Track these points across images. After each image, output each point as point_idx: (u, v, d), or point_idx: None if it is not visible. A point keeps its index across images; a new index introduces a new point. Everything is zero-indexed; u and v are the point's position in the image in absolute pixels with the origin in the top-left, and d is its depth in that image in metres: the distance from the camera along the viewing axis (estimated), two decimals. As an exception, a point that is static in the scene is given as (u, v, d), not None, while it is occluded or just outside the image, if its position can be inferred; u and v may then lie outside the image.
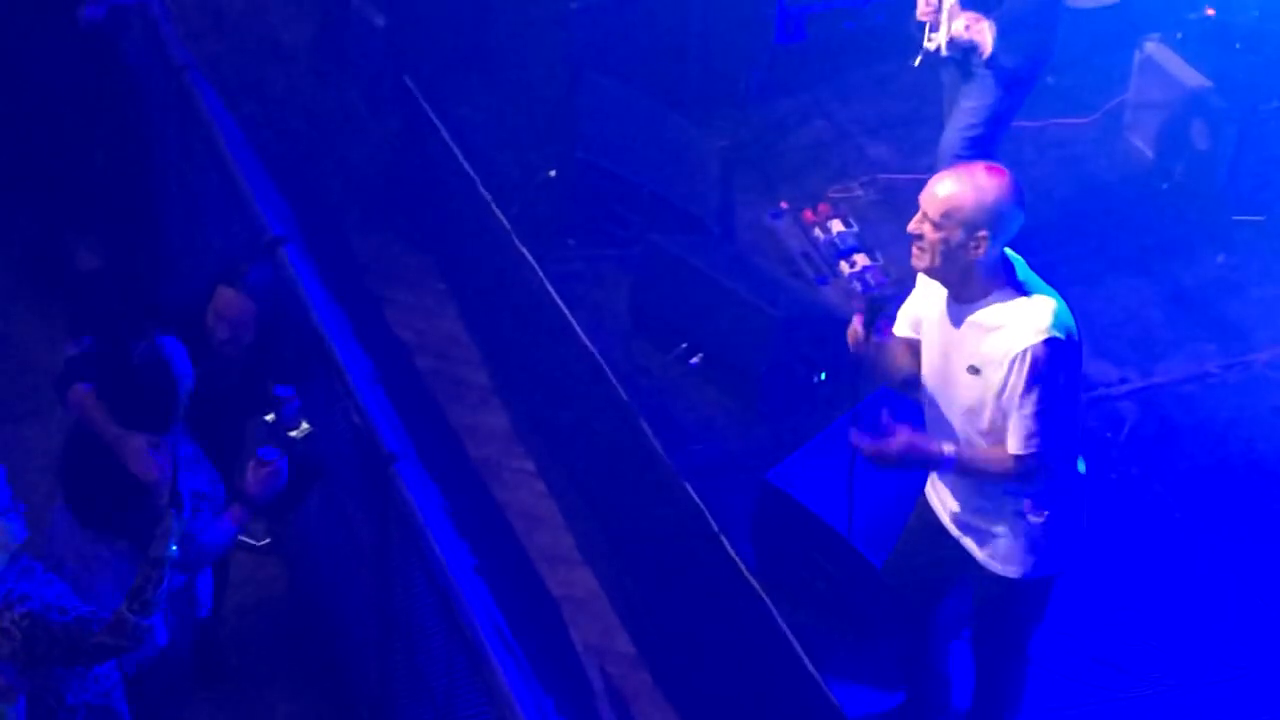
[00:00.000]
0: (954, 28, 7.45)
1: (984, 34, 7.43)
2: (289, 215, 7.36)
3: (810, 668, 6.19)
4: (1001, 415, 5.14)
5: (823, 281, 8.11)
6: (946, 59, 7.62)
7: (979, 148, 7.79)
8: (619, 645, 7.00)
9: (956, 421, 5.29)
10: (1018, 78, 7.59)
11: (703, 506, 6.76)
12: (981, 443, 5.24)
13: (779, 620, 6.30)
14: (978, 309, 5.14)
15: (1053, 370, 5.04)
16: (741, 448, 7.21)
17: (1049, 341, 5.03)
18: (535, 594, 7.17)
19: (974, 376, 5.17)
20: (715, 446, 7.23)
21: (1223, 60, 8.59)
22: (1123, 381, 7.67)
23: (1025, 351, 5.03)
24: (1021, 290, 5.12)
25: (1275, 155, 8.49)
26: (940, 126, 8.06)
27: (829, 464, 6.45)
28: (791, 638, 6.22)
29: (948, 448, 5.23)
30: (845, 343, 5.41)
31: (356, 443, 6.01)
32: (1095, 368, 7.69)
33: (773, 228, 8.44)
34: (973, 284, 5.13)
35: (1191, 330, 7.97)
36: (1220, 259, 8.37)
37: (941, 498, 5.52)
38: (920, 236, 5.11)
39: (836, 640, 6.36)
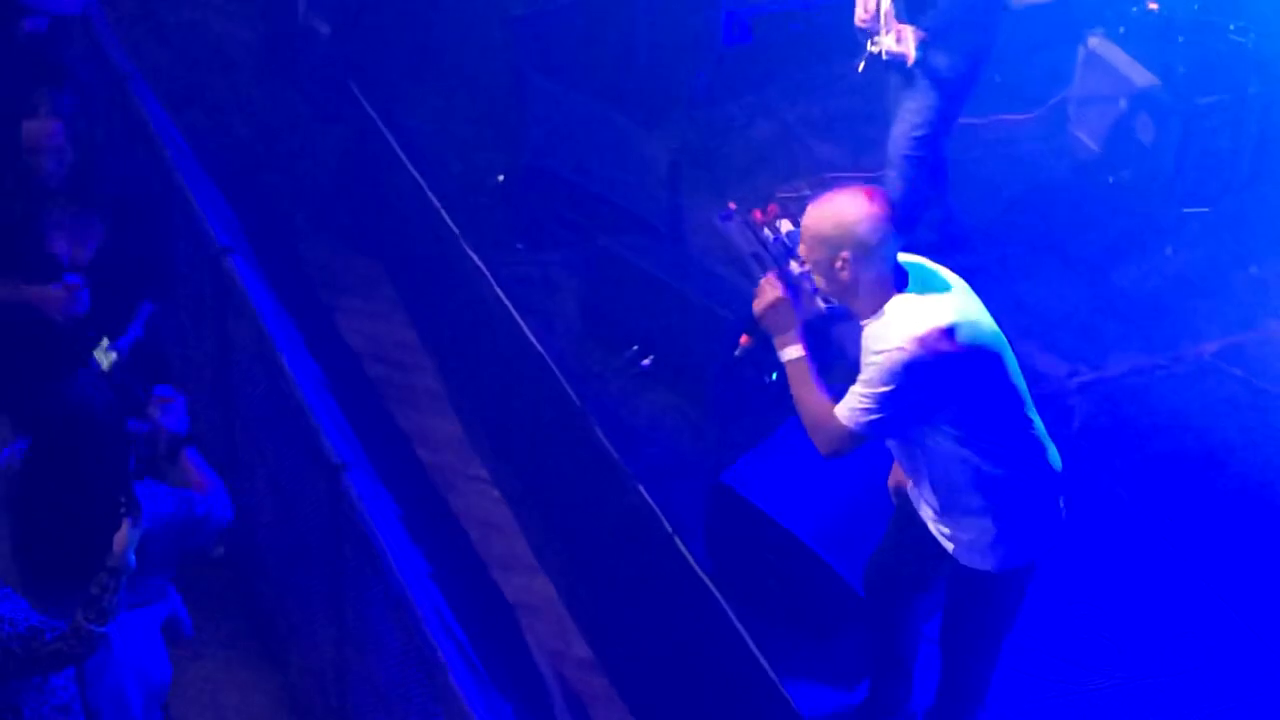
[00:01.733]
0: (886, 43, 7.56)
1: (908, 45, 7.52)
2: (235, 224, 7.34)
3: (766, 667, 6.19)
4: None
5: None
6: (888, 61, 7.69)
7: (925, 147, 7.85)
8: (576, 650, 6.99)
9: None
10: (956, 77, 7.65)
11: (656, 509, 6.75)
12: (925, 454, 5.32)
13: (734, 621, 6.29)
14: (872, 325, 5.24)
15: (891, 375, 5.10)
16: (694, 449, 7.21)
17: (903, 350, 5.09)
18: (491, 600, 7.16)
19: None
20: (668, 448, 7.23)
21: (1166, 54, 8.62)
22: (1072, 375, 7.70)
23: (883, 351, 5.13)
24: (908, 300, 5.17)
25: (1220, 148, 8.53)
26: (889, 125, 8.09)
27: (781, 464, 6.46)
28: (747, 638, 6.22)
29: (792, 350, 5.29)
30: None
31: (306, 451, 5.98)
32: (1044, 361, 7.73)
33: (722, 229, 8.44)
34: (861, 303, 5.23)
35: (1140, 323, 8.01)
36: (1168, 251, 8.40)
37: (920, 492, 5.56)
38: (813, 276, 5.29)
39: (792, 640, 6.36)
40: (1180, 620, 6.61)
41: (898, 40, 7.56)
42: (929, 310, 5.16)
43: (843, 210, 5.15)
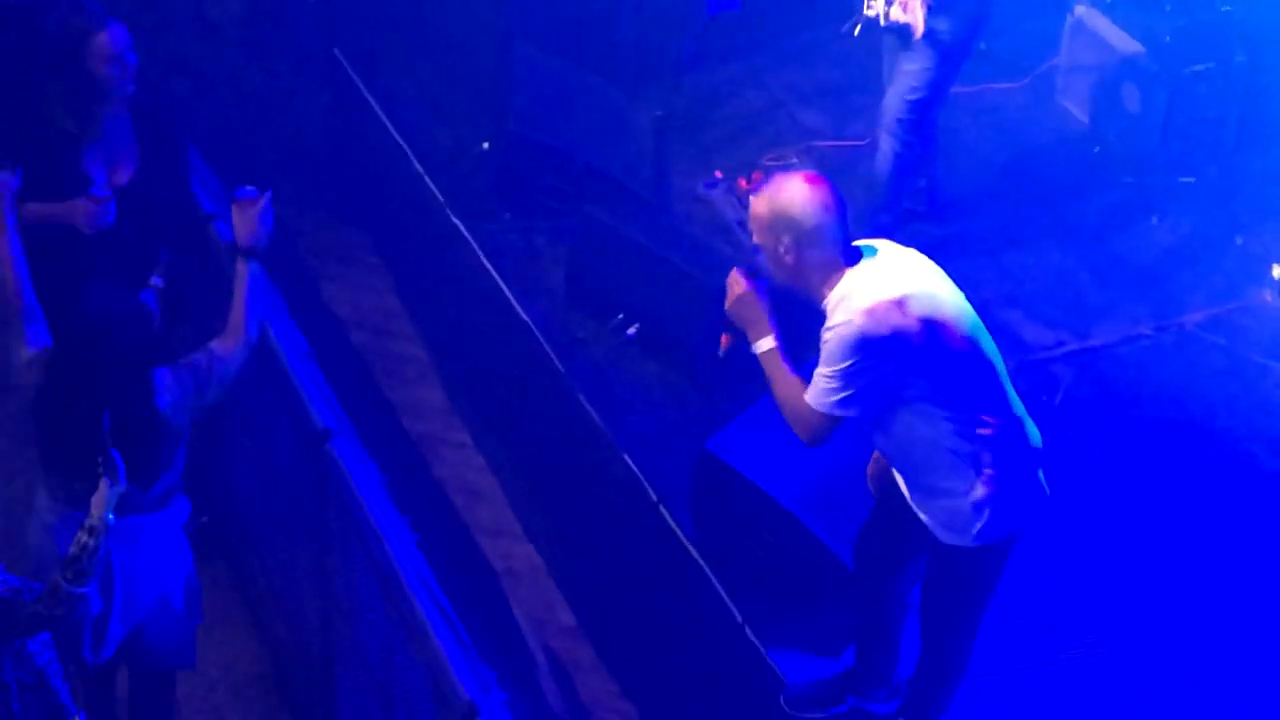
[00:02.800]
0: (892, 13, 7.54)
1: (915, 15, 7.49)
2: (220, 192, 7.31)
3: (750, 635, 6.22)
4: None
5: (758, 250, 8.08)
6: (887, 26, 7.65)
7: (920, 111, 7.81)
8: (560, 617, 7.00)
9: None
10: (956, 42, 7.65)
11: (641, 477, 6.77)
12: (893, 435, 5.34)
13: (719, 589, 6.32)
14: (827, 307, 5.24)
15: (847, 347, 5.11)
16: (679, 417, 7.21)
17: (852, 321, 5.09)
18: (476, 568, 7.17)
19: None
20: (653, 416, 7.23)
21: (1153, 23, 8.61)
22: (1058, 345, 7.71)
23: (833, 327, 5.15)
24: (856, 276, 5.18)
25: (1206, 117, 8.54)
26: (875, 93, 8.08)
27: (767, 433, 6.45)
28: (731, 606, 6.24)
29: (764, 344, 5.34)
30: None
31: (291, 419, 5.97)
32: (1030, 331, 7.74)
33: (708, 197, 8.43)
34: (813, 286, 5.25)
35: (1125, 293, 8.01)
36: (1154, 221, 8.40)
37: (896, 471, 5.56)
38: (766, 261, 5.32)
39: (776, 608, 6.35)
40: (1161, 590, 6.62)
41: (904, 9, 7.52)
42: (879, 283, 5.16)
43: (781, 196, 5.19)
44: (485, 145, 8.17)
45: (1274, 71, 8.60)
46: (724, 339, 5.56)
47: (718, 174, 8.52)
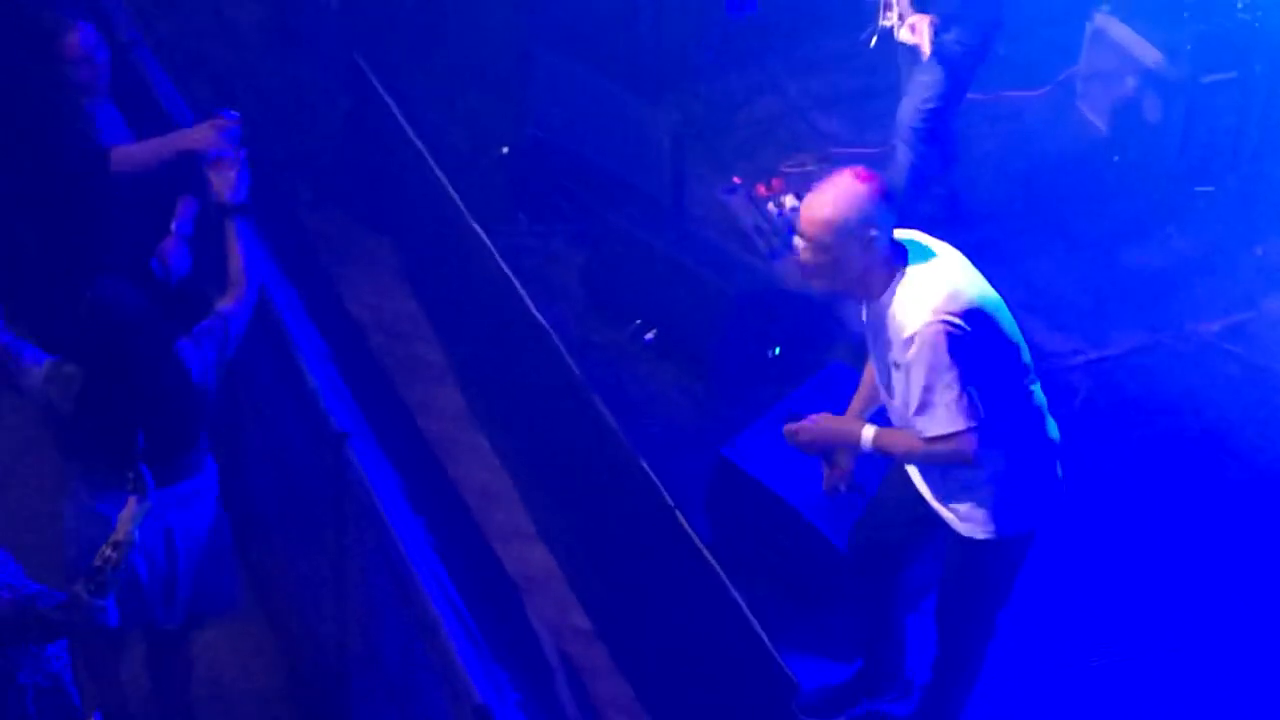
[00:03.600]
0: (900, 34, 7.57)
1: (923, 37, 7.52)
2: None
3: (765, 640, 6.22)
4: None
5: (776, 256, 8.11)
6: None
7: (935, 120, 7.84)
8: (575, 621, 7.00)
9: (898, 415, 5.34)
10: (968, 51, 7.68)
11: (657, 482, 6.77)
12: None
13: (734, 593, 6.31)
14: (885, 304, 5.19)
15: (944, 352, 5.05)
16: (696, 423, 7.22)
17: (936, 324, 5.05)
18: (492, 571, 7.18)
19: (897, 371, 5.22)
20: (670, 422, 7.24)
21: (1173, 31, 8.60)
22: (1075, 353, 7.70)
23: (914, 336, 5.07)
24: (914, 280, 5.14)
25: (1225, 126, 8.52)
26: (893, 100, 8.09)
27: (782, 438, 6.45)
28: (746, 611, 6.24)
29: (867, 433, 5.29)
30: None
31: (308, 421, 5.99)
32: (1048, 339, 7.72)
33: (726, 203, 8.44)
34: (874, 283, 5.19)
35: (1143, 301, 8.00)
36: (1172, 230, 8.39)
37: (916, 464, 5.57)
38: (810, 264, 5.18)
39: (791, 613, 6.36)
40: (1178, 598, 6.61)
41: (912, 31, 7.58)
42: (944, 278, 5.12)
43: (844, 198, 5.10)
44: (504, 150, 8.18)
45: (1294, 79, 8.60)
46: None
47: (736, 180, 8.53)
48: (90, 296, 5.47)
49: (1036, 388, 5.40)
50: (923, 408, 5.13)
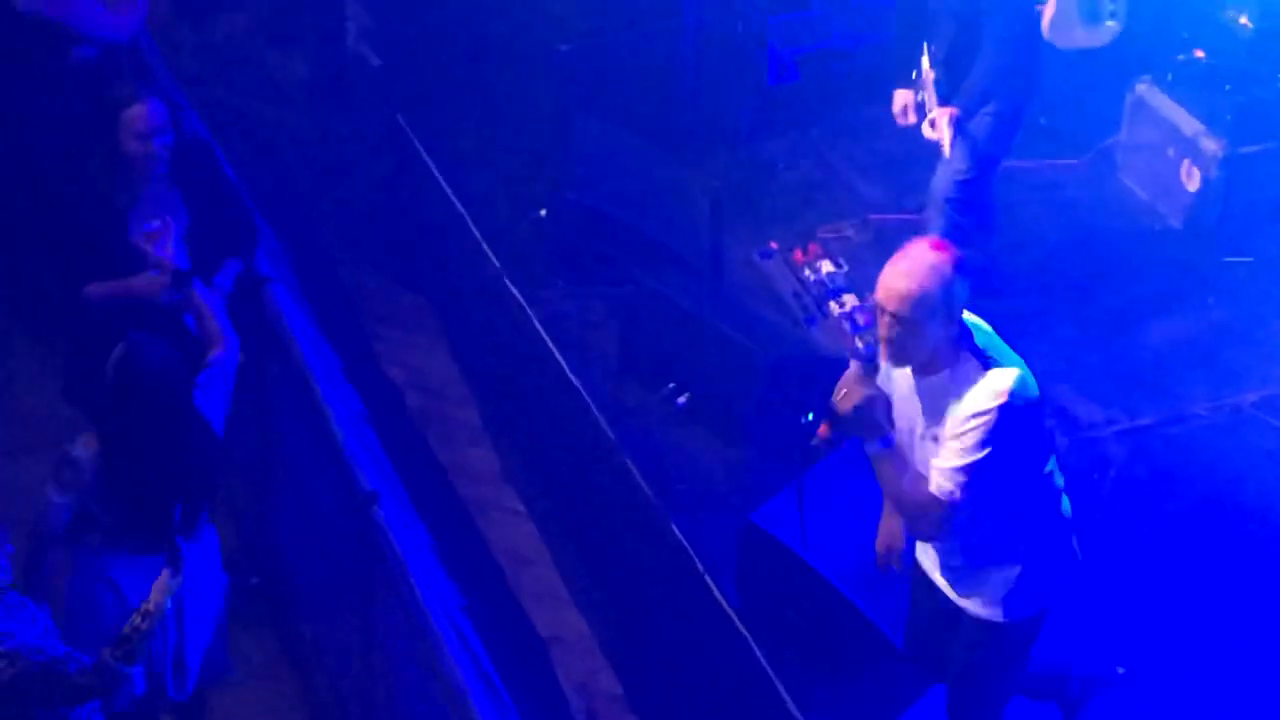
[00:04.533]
0: (923, 130, 7.61)
1: (944, 134, 7.54)
2: (280, 253, 7.41)
3: (792, 708, 6.21)
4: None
5: (811, 322, 8.12)
6: None
7: (970, 190, 7.85)
8: (606, 685, 7.00)
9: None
10: (1002, 120, 7.67)
11: (688, 546, 6.78)
12: None
13: (761, 660, 6.31)
14: (940, 379, 5.15)
15: (996, 434, 5.04)
16: (727, 488, 7.20)
17: (1003, 408, 5.04)
18: (523, 633, 7.19)
19: (935, 445, 5.19)
20: (701, 486, 7.22)
21: (1213, 101, 8.60)
22: (1110, 423, 7.66)
23: (974, 415, 5.04)
24: (982, 357, 5.12)
25: (1265, 197, 8.50)
26: (933, 166, 8.09)
27: (812, 505, 6.45)
28: (774, 677, 6.23)
29: (888, 440, 5.19)
30: (833, 383, 5.41)
31: (338, 481, 6.02)
32: (1083, 409, 7.70)
33: (762, 268, 8.45)
34: (937, 357, 5.14)
35: (1180, 372, 7.95)
36: (1210, 301, 8.37)
37: (927, 552, 5.54)
38: (893, 338, 5.10)
39: (818, 679, 6.34)
40: (1213, 671, 6.56)
41: (932, 126, 7.59)
42: (1008, 362, 5.10)
43: (938, 266, 5.03)
44: (542, 212, 8.22)
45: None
46: (823, 429, 5.28)
47: (773, 245, 8.54)
48: (118, 356, 5.53)
49: (1055, 466, 5.38)
50: (941, 464, 5.10)
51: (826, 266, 8.35)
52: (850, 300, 8.16)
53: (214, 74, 9.95)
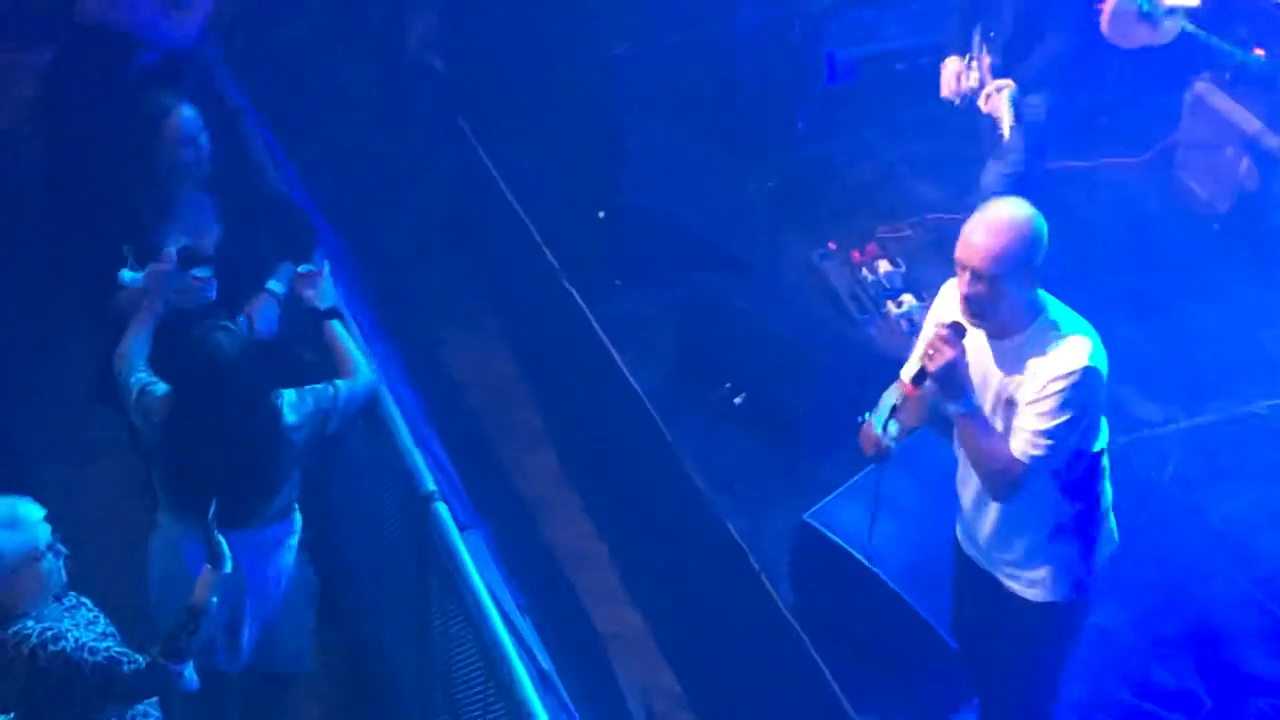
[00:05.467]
0: (980, 104, 7.55)
1: (1003, 111, 7.48)
2: (342, 255, 7.50)
3: (848, 707, 6.24)
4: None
5: (869, 322, 8.14)
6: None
7: (1019, 185, 7.79)
8: (664, 683, 7.05)
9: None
10: (1054, 116, 7.63)
11: (744, 545, 6.82)
12: None
13: (817, 659, 6.34)
14: (1016, 343, 5.18)
15: (1081, 398, 5.08)
16: (783, 487, 7.24)
17: (1086, 370, 5.08)
18: (582, 632, 7.24)
19: (1010, 409, 5.21)
20: (758, 485, 7.26)
21: (1271, 99, 8.57)
22: (1168, 421, 7.65)
23: (1061, 377, 5.07)
24: (1058, 323, 5.16)
25: (1324, 195, 8.48)
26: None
27: (867, 505, 6.48)
28: (829, 676, 6.26)
29: (970, 400, 5.21)
30: (889, 384, 5.46)
31: (399, 480, 6.10)
32: (1141, 407, 7.69)
33: (820, 268, 8.47)
34: (1014, 320, 5.17)
35: (1238, 370, 7.93)
36: (1270, 299, 8.33)
37: (969, 532, 5.57)
38: (974, 297, 5.13)
39: (873, 677, 6.37)
40: (1268, 668, 6.55)
41: (986, 101, 7.55)
42: (1081, 330, 5.16)
43: (1027, 219, 5.09)
44: (601, 214, 8.28)
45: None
46: (910, 389, 5.32)
47: (831, 245, 8.56)
48: (192, 336, 5.67)
49: (1106, 449, 5.41)
50: (1023, 428, 5.13)
51: (884, 266, 8.37)
52: (908, 300, 8.17)
53: (278, 78, 10.03)
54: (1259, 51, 8.79)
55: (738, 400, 7.54)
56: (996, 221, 5.11)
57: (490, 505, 7.28)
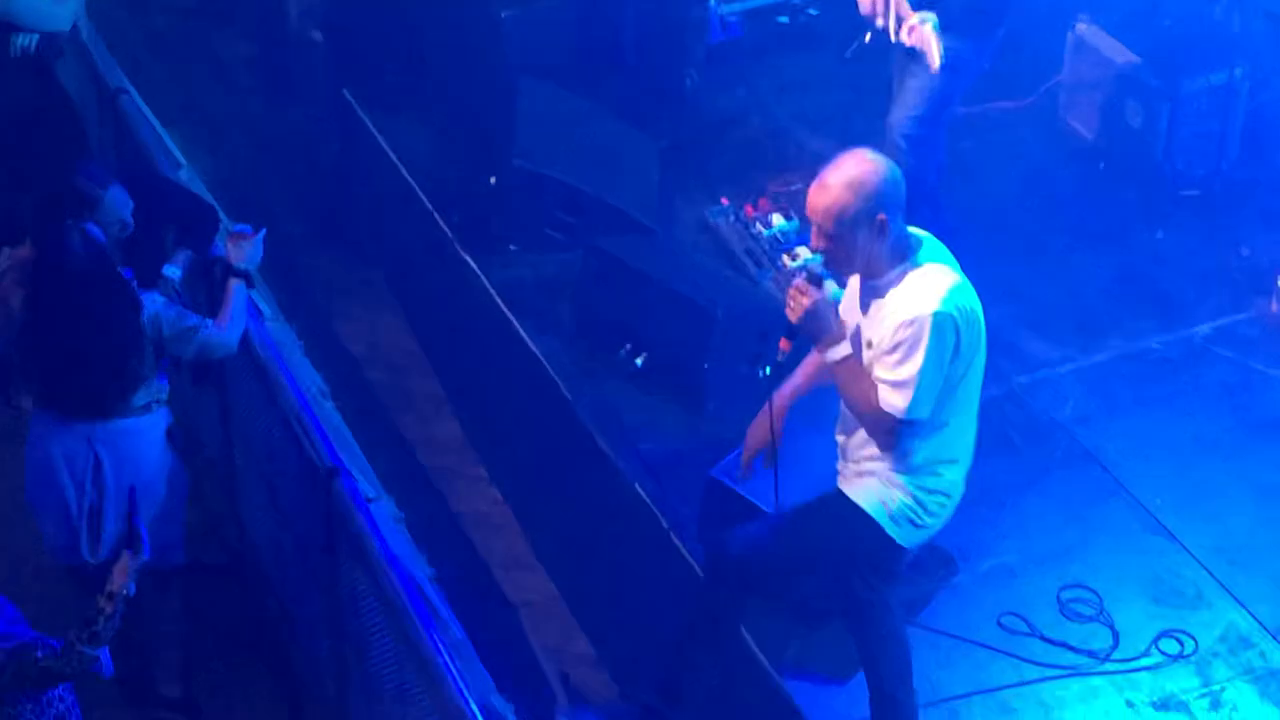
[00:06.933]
0: (902, 37, 7.49)
1: (929, 39, 7.44)
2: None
3: (763, 661, 6.27)
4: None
5: (765, 276, 8.15)
6: (896, 44, 7.61)
7: (924, 126, 7.73)
8: (578, 647, 7.06)
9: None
10: (963, 59, 7.55)
11: (653, 505, 6.83)
12: None
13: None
14: (881, 285, 5.25)
15: (931, 340, 5.12)
16: (688, 446, 7.24)
17: (940, 312, 5.12)
18: (493, 600, 7.24)
19: (869, 351, 5.28)
20: (662, 446, 7.26)
21: (1153, 38, 8.65)
22: (1065, 360, 7.72)
23: (915, 319, 5.12)
24: (919, 266, 5.22)
25: (1208, 131, 8.54)
26: (881, 117, 8.07)
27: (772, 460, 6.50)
28: (744, 632, 6.28)
29: (845, 348, 5.29)
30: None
31: (301, 458, 6.06)
32: (1038, 347, 7.75)
33: (714, 225, 8.46)
34: (878, 262, 5.24)
35: (1132, 307, 8.01)
36: (1159, 235, 8.42)
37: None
38: (822, 250, 5.25)
39: (787, 631, 6.39)
40: (1169, 603, 6.63)
41: (910, 34, 7.44)
42: (950, 274, 5.20)
43: (867, 171, 5.14)
44: (492, 180, 8.23)
45: (1275, 82, 8.63)
46: (783, 343, 5.44)
47: (724, 201, 8.56)
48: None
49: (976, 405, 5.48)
50: (883, 381, 5.19)
51: (778, 220, 8.38)
52: (803, 252, 8.18)
53: (157, 59, 9.92)
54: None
55: (639, 361, 7.52)
56: (837, 176, 5.19)
57: (396, 477, 7.25)
